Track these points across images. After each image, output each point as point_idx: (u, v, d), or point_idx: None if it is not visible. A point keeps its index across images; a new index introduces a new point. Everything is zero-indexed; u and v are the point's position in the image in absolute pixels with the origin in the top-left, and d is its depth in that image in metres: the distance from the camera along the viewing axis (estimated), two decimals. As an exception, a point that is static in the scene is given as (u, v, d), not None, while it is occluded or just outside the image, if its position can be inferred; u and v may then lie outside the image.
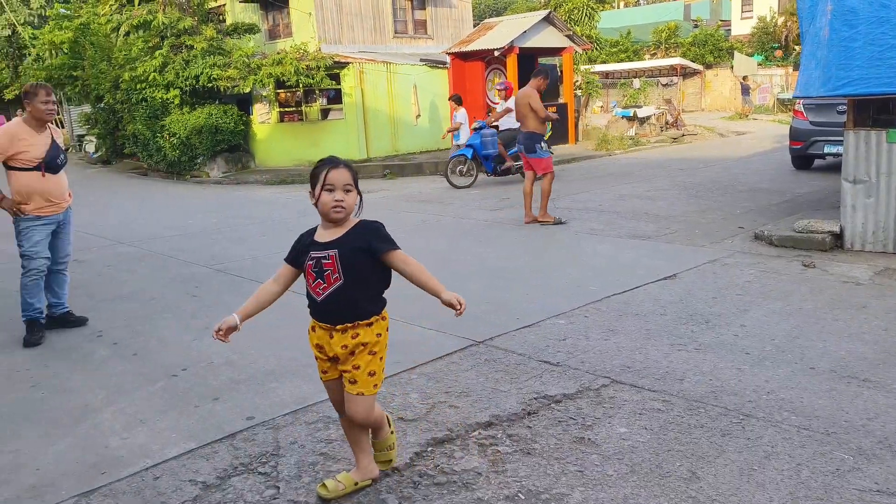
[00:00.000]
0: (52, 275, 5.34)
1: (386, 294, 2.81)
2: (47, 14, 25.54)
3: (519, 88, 16.64)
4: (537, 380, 3.98)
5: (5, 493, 3.09)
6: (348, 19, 18.64)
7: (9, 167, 5.03)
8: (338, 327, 2.68)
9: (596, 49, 29.10)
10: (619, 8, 46.25)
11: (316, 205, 2.68)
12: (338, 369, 2.78)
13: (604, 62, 32.10)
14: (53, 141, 5.19)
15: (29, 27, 25.85)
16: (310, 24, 18.01)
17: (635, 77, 32.56)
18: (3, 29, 26.07)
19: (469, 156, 12.17)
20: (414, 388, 3.97)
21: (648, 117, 20.46)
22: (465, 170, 12.26)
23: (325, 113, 17.34)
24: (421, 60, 18.29)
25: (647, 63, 31.82)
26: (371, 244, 2.65)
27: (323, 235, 2.70)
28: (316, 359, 2.83)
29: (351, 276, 2.64)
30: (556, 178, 8.95)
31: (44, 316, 5.28)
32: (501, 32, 17.06)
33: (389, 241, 2.70)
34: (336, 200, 2.61)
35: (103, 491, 3.07)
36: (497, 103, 18.01)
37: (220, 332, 2.71)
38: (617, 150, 16.90)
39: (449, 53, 17.88)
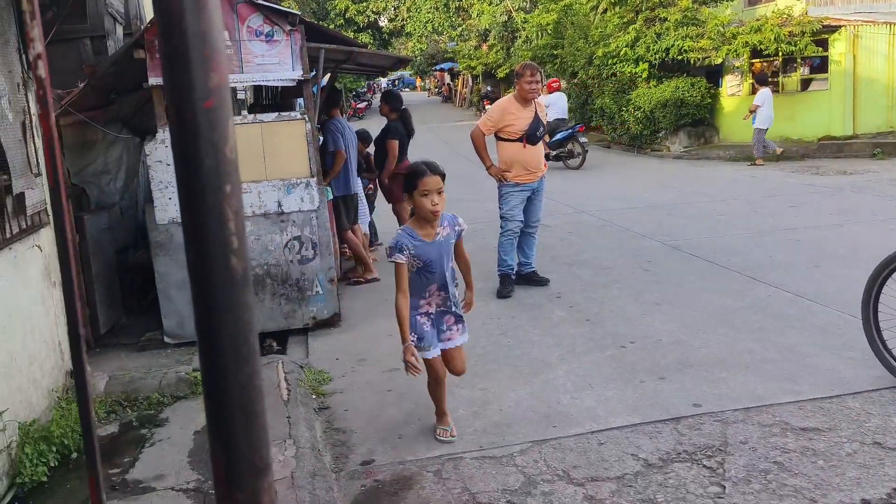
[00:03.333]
0: (524, 236, 5.92)
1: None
2: (538, -1, 28.30)
3: None
4: None
5: (476, 424, 3.54)
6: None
7: (498, 138, 5.70)
8: None
9: None
10: None
11: None
12: None
13: None
14: (536, 115, 5.68)
15: (521, 12, 29.04)
16: (797, -15, 16.34)
17: None
18: (500, 15, 29.83)
19: None
20: (898, 411, 3.31)
21: None
22: None
23: (804, 84, 15.64)
24: (937, 17, 15.11)
25: None
26: None
27: None
28: None
29: None
30: None
31: (514, 272, 5.89)
32: None
33: None
34: None
35: (552, 443, 3.27)
36: None
37: None
38: None
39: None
